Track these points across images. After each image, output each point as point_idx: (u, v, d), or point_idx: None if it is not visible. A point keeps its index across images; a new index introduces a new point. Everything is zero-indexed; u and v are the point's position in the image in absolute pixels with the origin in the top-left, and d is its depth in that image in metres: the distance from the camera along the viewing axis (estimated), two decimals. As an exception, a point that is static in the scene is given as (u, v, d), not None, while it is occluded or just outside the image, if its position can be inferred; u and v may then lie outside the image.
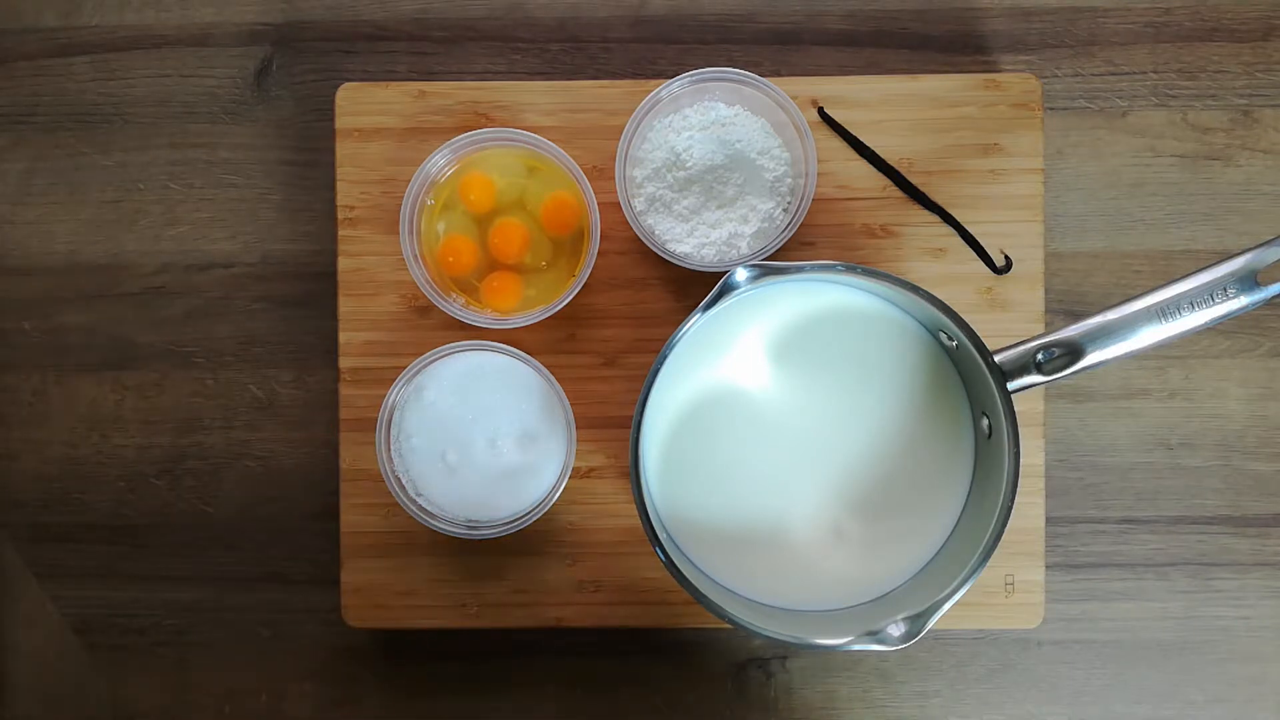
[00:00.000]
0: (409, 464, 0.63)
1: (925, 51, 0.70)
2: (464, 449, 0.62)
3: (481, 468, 0.62)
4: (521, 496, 0.63)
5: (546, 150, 0.63)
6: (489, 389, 0.63)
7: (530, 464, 0.63)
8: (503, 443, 0.62)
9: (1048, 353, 0.53)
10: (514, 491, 0.63)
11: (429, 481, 0.63)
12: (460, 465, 0.62)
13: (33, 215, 0.71)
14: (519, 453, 0.63)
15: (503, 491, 0.63)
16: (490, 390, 0.63)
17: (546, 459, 0.63)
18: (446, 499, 0.63)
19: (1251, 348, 0.70)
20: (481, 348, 0.62)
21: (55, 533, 0.71)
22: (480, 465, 0.62)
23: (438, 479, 0.63)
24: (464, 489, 0.63)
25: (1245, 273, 0.51)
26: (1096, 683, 0.70)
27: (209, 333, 0.71)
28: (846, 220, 0.67)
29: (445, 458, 0.62)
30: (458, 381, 0.63)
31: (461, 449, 0.62)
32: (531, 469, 0.63)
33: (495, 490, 0.63)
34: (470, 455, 0.62)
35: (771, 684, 0.71)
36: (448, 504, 0.63)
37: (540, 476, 0.63)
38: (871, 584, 0.58)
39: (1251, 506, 0.70)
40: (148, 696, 0.71)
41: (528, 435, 0.63)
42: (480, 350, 0.63)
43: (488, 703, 0.71)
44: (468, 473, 0.62)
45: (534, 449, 0.63)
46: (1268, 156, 0.70)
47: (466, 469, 0.62)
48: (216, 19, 0.71)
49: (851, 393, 0.59)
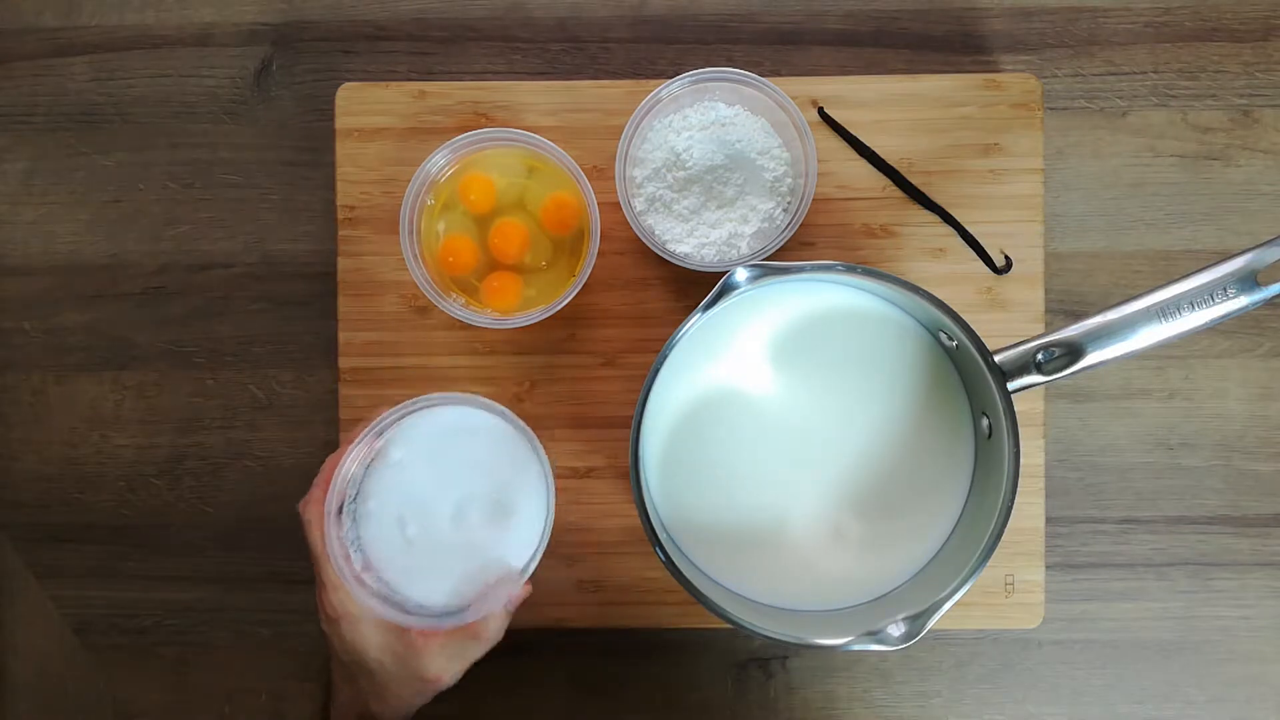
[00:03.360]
0: (361, 531, 0.54)
1: (925, 51, 0.70)
2: (425, 519, 0.54)
3: (442, 542, 0.54)
4: (479, 578, 0.54)
5: (546, 150, 0.63)
6: (462, 450, 0.55)
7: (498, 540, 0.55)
8: (470, 514, 0.55)
9: (1048, 353, 0.53)
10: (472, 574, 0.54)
11: (381, 554, 0.54)
12: (419, 538, 0.54)
13: (33, 215, 0.71)
14: (486, 528, 0.55)
15: (460, 573, 0.54)
16: (463, 452, 0.55)
17: (517, 538, 0.55)
18: (398, 575, 0.54)
19: (1251, 348, 0.70)
20: (458, 401, 0.55)
21: (55, 533, 0.71)
22: (440, 539, 0.54)
23: (393, 552, 0.54)
24: (420, 564, 0.54)
25: (1245, 273, 0.51)
26: (1096, 683, 0.70)
27: (209, 333, 0.71)
28: (846, 220, 0.67)
29: (404, 529, 0.54)
30: (426, 442, 0.55)
31: (422, 519, 0.54)
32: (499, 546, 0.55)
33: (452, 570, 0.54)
34: (431, 527, 0.54)
35: (771, 684, 0.71)
36: (399, 581, 0.54)
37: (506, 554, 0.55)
38: (871, 584, 0.58)
39: (1251, 506, 0.70)
40: (148, 696, 0.71)
41: (499, 508, 0.55)
42: (455, 405, 0.55)
43: (488, 703, 0.71)
44: (425, 546, 0.54)
45: (504, 524, 0.55)
46: (1268, 156, 0.70)
47: (424, 542, 0.54)
48: (216, 19, 0.71)
49: (851, 393, 0.59)
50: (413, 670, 0.55)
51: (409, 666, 0.55)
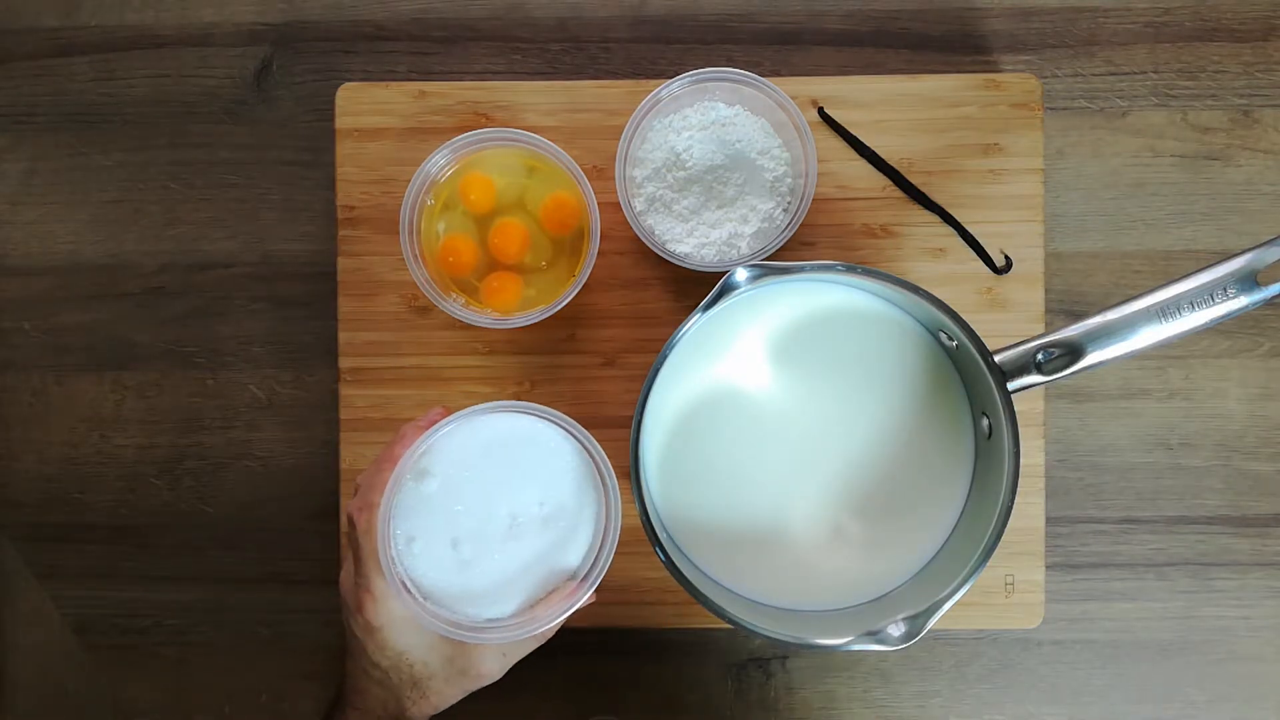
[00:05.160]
0: (406, 563, 0.52)
1: (925, 51, 0.70)
2: (478, 538, 0.52)
3: (500, 559, 0.52)
4: (542, 588, 0.53)
5: (546, 150, 0.63)
6: (505, 460, 0.53)
7: (558, 547, 0.53)
8: (526, 525, 0.53)
9: (1048, 353, 0.53)
10: (535, 585, 0.53)
11: (435, 580, 0.52)
12: (476, 558, 0.52)
13: (33, 215, 0.71)
14: (543, 535, 0.53)
15: (523, 586, 0.53)
16: (507, 462, 0.53)
17: (577, 543, 0.54)
18: (456, 598, 0.52)
19: (1251, 348, 0.70)
20: (503, 409, 0.53)
21: (55, 533, 0.71)
22: (498, 556, 0.52)
23: (448, 575, 0.52)
24: (479, 584, 0.52)
25: (1245, 273, 0.51)
26: (1096, 683, 0.70)
27: (209, 333, 0.71)
28: (846, 220, 0.67)
29: (458, 551, 0.52)
30: (464, 457, 0.53)
31: (476, 540, 0.52)
32: (560, 553, 0.53)
33: (514, 585, 0.53)
34: (486, 545, 0.52)
35: (771, 684, 0.71)
36: (457, 602, 0.52)
37: (568, 561, 0.54)
38: (871, 584, 0.58)
39: (1251, 506, 0.70)
40: (148, 696, 0.71)
41: (555, 514, 0.53)
42: (491, 414, 0.53)
43: (488, 703, 0.70)
44: (483, 566, 0.52)
45: (562, 530, 0.53)
46: (1268, 156, 0.70)
47: (482, 561, 0.52)
48: (216, 19, 0.71)
49: (851, 393, 0.59)
50: (462, 669, 0.54)
51: (457, 665, 0.54)
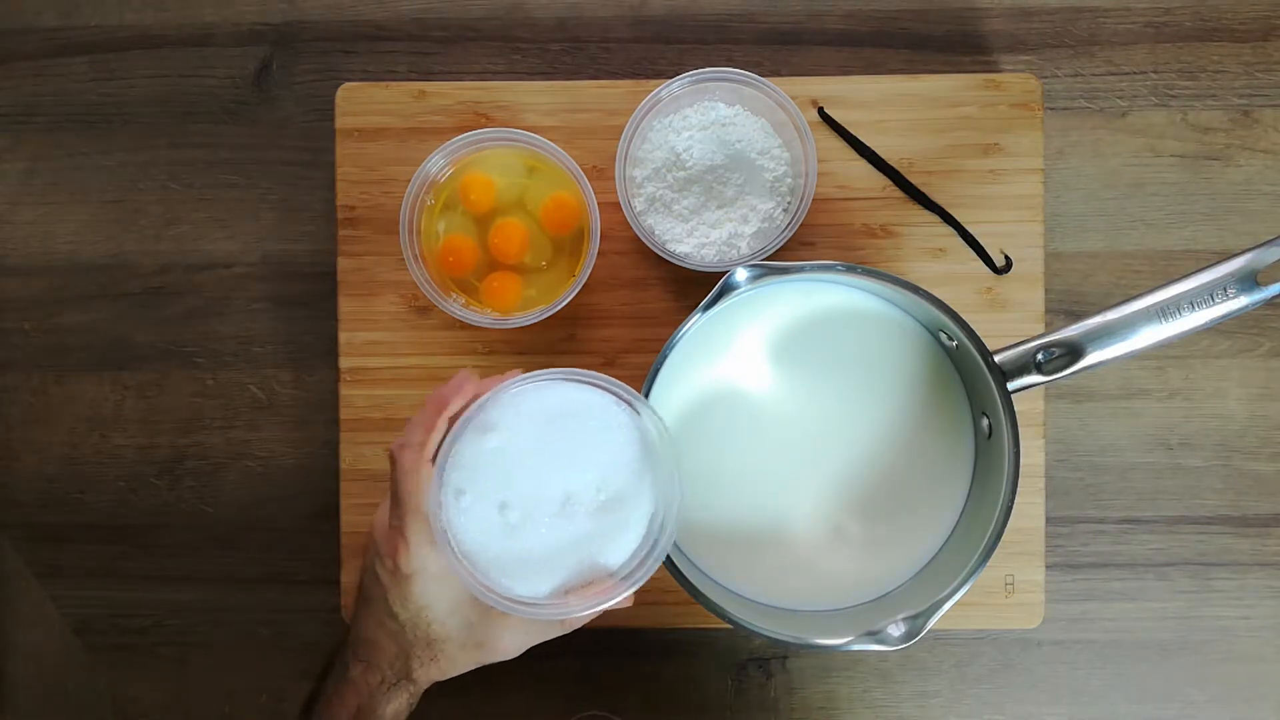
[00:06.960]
0: (451, 515, 0.49)
1: (925, 51, 0.70)
2: (531, 507, 0.50)
3: (547, 534, 0.50)
4: (585, 576, 0.50)
5: (546, 150, 0.63)
6: (575, 434, 0.50)
7: (609, 537, 0.50)
8: (580, 507, 0.50)
9: (1048, 353, 0.53)
10: (577, 571, 0.50)
11: (477, 540, 0.49)
12: (523, 526, 0.49)
13: (33, 215, 0.71)
14: (596, 521, 0.50)
15: (564, 568, 0.50)
16: (576, 436, 0.50)
17: (628, 537, 0.51)
18: (494, 563, 0.49)
19: (1251, 348, 0.70)
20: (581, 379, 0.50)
21: (55, 533, 0.71)
22: (547, 531, 0.50)
23: (491, 539, 0.49)
24: (521, 555, 0.50)
25: (1245, 273, 0.51)
26: (1096, 683, 0.70)
27: (209, 333, 0.71)
28: (846, 220, 0.67)
29: (506, 515, 0.49)
30: (532, 423, 0.50)
31: (527, 507, 0.49)
32: (609, 544, 0.50)
33: (556, 565, 0.50)
34: (537, 516, 0.50)
35: (771, 684, 0.71)
36: (494, 569, 0.49)
37: (615, 553, 0.51)
38: (871, 584, 0.58)
39: (1251, 506, 0.70)
40: (148, 696, 0.71)
41: (612, 502, 0.50)
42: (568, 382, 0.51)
43: (488, 704, 0.70)
44: (529, 537, 0.50)
45: (616, 520, 0.50)
46: (1268, 156, 0.70)
47: (528, 532, 0.50)
48: (216, 19, 0.71)
49: (852, 393, 0.59)
50: (481, 639, 0.52)
51: (477, 634, 0.52)
